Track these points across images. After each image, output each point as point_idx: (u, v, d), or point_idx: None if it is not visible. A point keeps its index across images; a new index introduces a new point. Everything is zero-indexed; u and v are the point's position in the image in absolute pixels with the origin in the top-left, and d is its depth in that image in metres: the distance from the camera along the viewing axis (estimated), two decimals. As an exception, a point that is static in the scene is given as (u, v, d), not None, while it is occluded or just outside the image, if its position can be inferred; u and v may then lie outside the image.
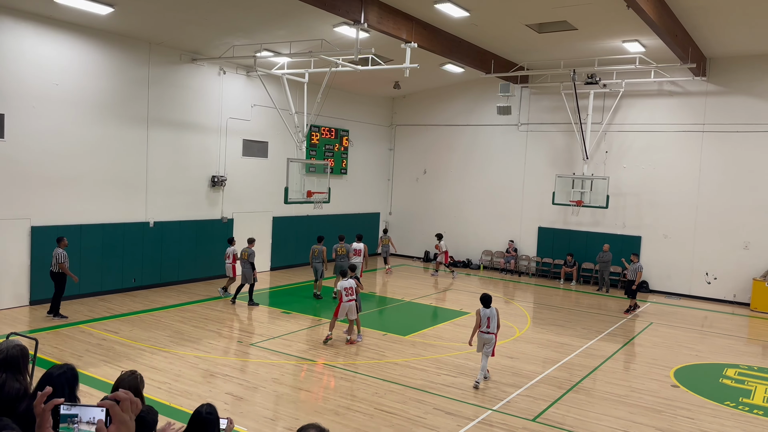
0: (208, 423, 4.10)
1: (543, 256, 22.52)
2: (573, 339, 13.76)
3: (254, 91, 19.24)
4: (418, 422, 8.63)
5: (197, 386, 9.67)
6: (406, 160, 25.86)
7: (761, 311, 17.91)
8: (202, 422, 4.10)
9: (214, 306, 15.37)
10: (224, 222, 18.81)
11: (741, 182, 18.83)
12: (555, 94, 21.59)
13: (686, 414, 9.45)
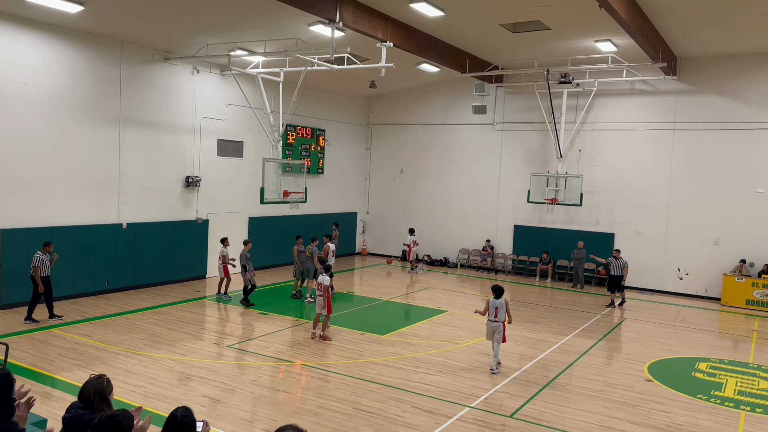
0: (183, 426, 4.04)
1: (519, 254, 22.73)
2: (549, 335, 13.91)
3: (229, 91, 19.06)
4: (396, 421, 8.64)
5: (173, 389, 9.55)
6: (383, 159, 25.87)
7: (731, 305, 18.32)
8: (178, 425, 4.04)
9: (190, 308, 15.19)
10: (199, 223, 18.60)
11: (711, 180, 19.23)
12: (529, 94, 21.80)
13: (660, 407, 9.62)
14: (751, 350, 13.57)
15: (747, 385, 10.96)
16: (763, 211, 18.48)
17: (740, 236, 18.82)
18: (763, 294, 17.93)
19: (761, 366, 12.22)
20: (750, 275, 18.38)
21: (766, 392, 10.59)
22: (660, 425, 8.89)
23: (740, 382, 11.11)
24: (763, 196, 18.49)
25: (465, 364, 11.47)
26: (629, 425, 8.84)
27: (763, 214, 18.47)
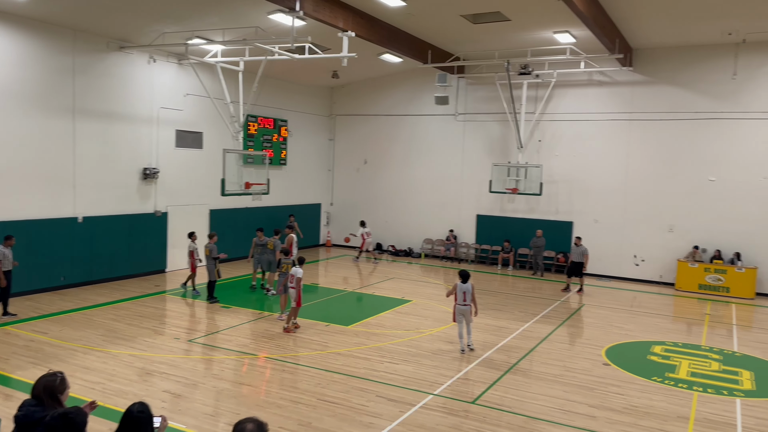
0: (140, 422, 3.96)
1: (481, 243, 23.01)
2: (510, 322, 14.16)
3: (187, 80, 18.67)
4: (360, 411, 8.68)
5: (133, 385, 9.38)
6: (347, 150, 25.79)
7: (685, 290, 18.94)
8: (134, 421, 3.96)
9: (150, 303, 14.91)
10: (158, 216, 18.24)
11: (665, 168, 19.79)
12: (490, 85, 22.01)
13: (617, 390, 9.91)
14: (704, 333, 14.07)
15: (699, 366, 11.37)
16: (715, 198, 19.13)
17: (693, 223, 19.45)
18: (715, 279, 18.59)
19: (713, 348, 12.68)
20: (702, 261, 19.03)
21: (717, 373, 11.01)
22: (617, 407, 9.16)
23: (693, 364, 11.51)
24: (715, 184, 19.13)
25: (429, 352, 11.58)
26: (587, 408, 9.09)
27: (715, 202, 19.12)
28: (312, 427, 8.05)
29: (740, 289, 18.28)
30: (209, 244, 15.20)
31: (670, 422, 8.65)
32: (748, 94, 18.61)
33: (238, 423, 3.36)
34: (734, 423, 8.72)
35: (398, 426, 8.18)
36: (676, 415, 8.92)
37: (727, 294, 18.39)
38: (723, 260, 18.76)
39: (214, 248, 15.09)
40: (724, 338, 13.62)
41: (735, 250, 18.81)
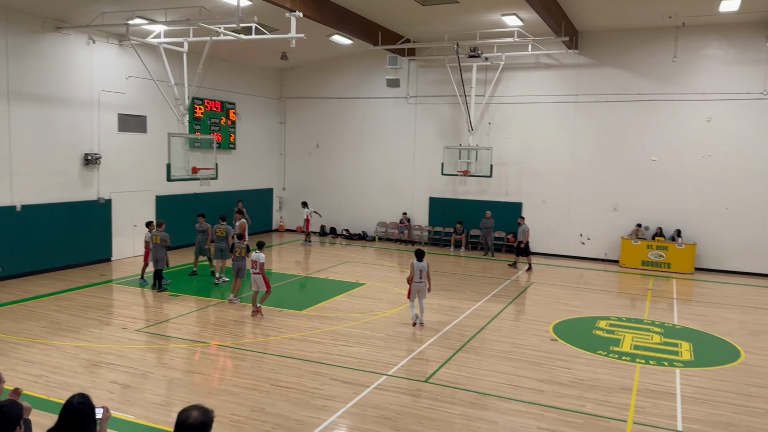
0: (80, 414, 3.84)
1: (434, 225, 23.23)
2: (462, 302, 14.38)
3: (129, 62, 18.02)
4: (315, 394, 8.68)
5: (78, 377, 9.11)
6: (298, 133, 25.48)
7: (629, 267, 19.64)
8: (74, 414, 3.83)
9: (95, 293, 14.47)
10: (101, 203, 17.64)
11: (610, 149, 20.37)
12: (441, 67, 22.08)
13: (564, 365, 10.22)
14: (646, 307, 14.64)
15: (642, 339, 11.84)
16: (656, 178, 19.82)
17: (636, 202, 20.13)
18: (657, 255, 19.33)
19: (654, 322, 13.22)
20: (645, 238, 19.74)
21: (658, 345, 11.49)
22: (564, 381, 9.46)
23: (636, 337, 11.98)
24: (657, 164, 19.81)
25: (383, 334, 11.66)
26: (536, 383, 9.35)
27: (656, 181, 19.82)
28: (265, 413, 8.01)
29: (680, 265, 19.08)
30: (158, 231, 14.79)
31: (614, 394, 8.99)
32: (687, 76, 19.28)
33: (183, 411, 3.30)
34: (674, 392, 9.13)
35: (352, 407, 8.23)
36: (619, 387, 9.27)
37: (668, 269, 19.16)
38: (664, 237, 19.51)
39: (166, 236, 14.74)
40: (665, 312, 14.21)
41: (675, 227, 19.60)
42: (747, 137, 18.68)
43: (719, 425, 7.99)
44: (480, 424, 7.85)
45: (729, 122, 18.87)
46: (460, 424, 7.82)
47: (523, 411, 8.29)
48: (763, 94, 18.38)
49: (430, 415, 8.06)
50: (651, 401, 8.74)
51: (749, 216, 18.81)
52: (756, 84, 18.46)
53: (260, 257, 12.62)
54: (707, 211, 19.27)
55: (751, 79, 18.51)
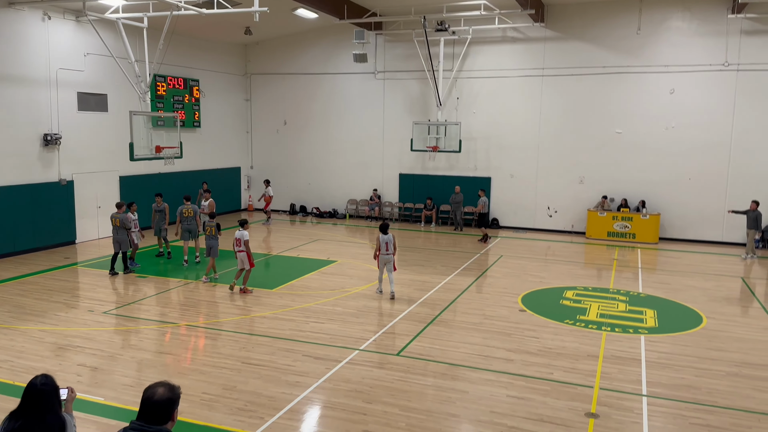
0: (44, 395, 3.76)
1: (405, 202, 23.26)
2: (433, 276, 14.50)
3: (87, 39, 17.43)
4: (287, 371, 8.69)
5: (44, 361, 8.94)
6: (265, 110, 25.10)
7: (595, 238, 20.03)
8: (38, 395, 3.76)
9: (60, 276, 14.16)
10: (63, 184, 17.17)
11: (576, 123, 20.59)
12: (408, 42, 21.91)
13: (532, 334, 10.41)
14: (612, 277, 14.97)
15: (608, 308, 12.12)
16: (621, 150, 20.14)
17: (602, 174, 20.46)
18: (622, 226, 19.73)
19: (620, 290, 13.54)
20: (611, 209, 20.11)
21: (623, 313, 11.78)
22: (532, 350, 9.65)
23: (602, 306, 12.26)
24: (622, 137, 20.11)
25: (354, 310, 11.70)
26: (505, 352, 9.52)
27: (621, 153, 20.14)
28: (237, 390, 7.99)
29: (645, 235, 19.53)
30: (117, 213, 14.22)
31: (581, 361, 9.21)
32: (651, 49, 19.51)
33: (148, 388, 3.25)
34: (639, 358, 9.39)
35: (325, 382, 8.27)
36: (586, 354, 9.50)
37: (633, 240, 19.59)
38: (629, 208, 19.91)
39: (125, 218, 14.23)
40: (630, 281, 14.55)
41: (640, 198, 20.00)
42: (709, 108, 19.07)
43: (682, 388, 8.26)
44: (451, 394, 7.97)
45: (692, 94, 19.22)
46: (431, 395, 7.93)
47: (493, 380, 8.44)
48: (725, 65, 18.73)
49: (402, 387, 8.15)
50: (617, 367, 8.98)
51: (711, 186, 19.30)
52: (718, 55, 18.79)
53: (244, 235, 12.70)
54: (671, 182, 19.69)
55: (713, 50, 18.83)
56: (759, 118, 18.61)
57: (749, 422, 7.29)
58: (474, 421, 7.24)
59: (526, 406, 7.62)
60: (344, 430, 6.95)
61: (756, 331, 10.88)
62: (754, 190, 18.73)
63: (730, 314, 12.03)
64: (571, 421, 7.23)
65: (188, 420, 7.07)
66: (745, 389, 8.27)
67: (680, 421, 7.31)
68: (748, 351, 9.77)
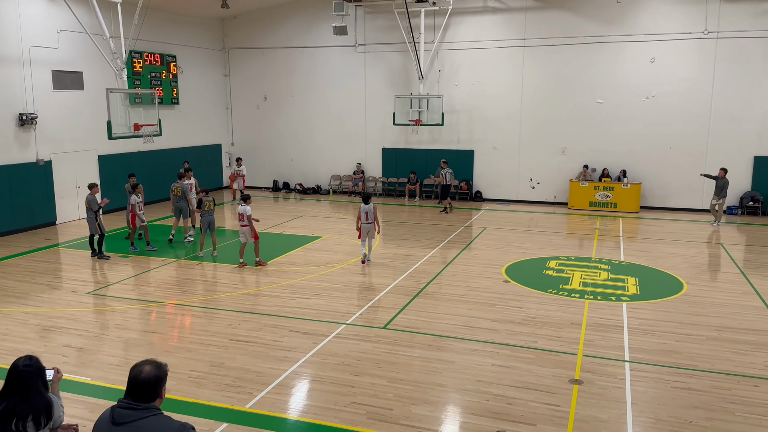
0: (27, 376, 3.74)
1: (388, 176, 23.21)
2: (418, 250, 14.56)
3: (60, 15, 16.97)
4: (274, 346, 8.72)
5: (29, 342, 8.87)
6: (244, 86, 24.74)
7: (577, 208, 20.21)
8: (21, 377, 3.73)
9: (41, 257, 14.00)
10: (41, 165, 16.87)
11: (557, 93, 20.59)
12: (388, 13, 21.64)
13: (516, 304, 10.55)
14: (594, 246, 15.15)
15: (590, 277, 12.29)
16: (602, 120, 20.22)
17: (583, 145, 20.56)
18: (604, 196, 19.91)
19: (602, 259, 13.72)
20: (592, 180, 20.26)
21: (605, 281, 11.96)
22: (516, 320, 9.78)
23: (584, 275, 12.42)
24: (603, 106, 20.17)
25: (341, 285, 11.74)
26: (490, 322, 9.64)
27: (603, 123, 20.23)
28: (225, 367, 8.01)
29: (626, 204, 19.74)
30: (89, 195, 13.69)
31: (564, 329, 9.36)
32: (631, 17, 19.47)
33: (135, 366, 3.24)
34: (621, 325, 9.56)
35: (312, 357, 8.32)
36: (569, 322, 9.65)
37: (614, 209, 19.81)
38: (610, 178, 20.07)
39: (94, 200, 13.63)
40: (612, 250, 14.74)
41: (621, 167, 20.16)
42: (689, 77, 19.16)
43: (663, 353, 8.45)
44: (437, 364, 8.07)
45: (672, 62, 19.28)
46: (418, 366, 8.02)
47: (479, 350, 8.56)
48: (704, 33, 18.78)
49: (389, 359, 8.23)
50: (599, 334, 9.14)
51: (690, 154, 19.49)
52: (698, 23, 18.82)
53: (247, 210, 12.92)
54: (651, 150, 19.85)
55: (693, 18, 18.85)
56: (738, 86, 18.76)
57: (729, 384, 7.49)
58: (460, 390, 7.35)
59: (511, 374, 7.75)
60: (333, 402, 7.03)
61: (735, 295, 11.12)
62: (733, 157, 18.98)
63: (710, 280, 12.28)
64: (555, 387, 7.37)
65: (176, 397, 7.10)
66: (724, 352, 8.48)
67: (662, 385, 7.48)
68: (727, 315, 10.00)
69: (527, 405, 6.94)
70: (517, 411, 6.81)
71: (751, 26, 18.33)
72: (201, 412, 6.77)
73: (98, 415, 3.34)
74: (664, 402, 7.04)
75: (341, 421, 6.61)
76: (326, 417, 6.70)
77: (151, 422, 3.15)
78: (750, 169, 19.08)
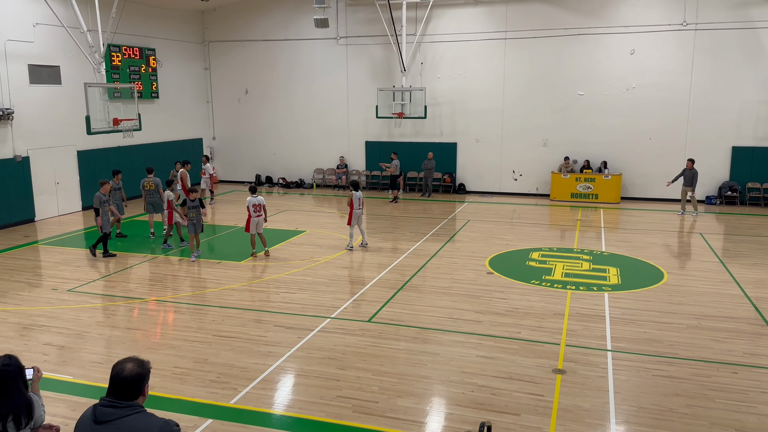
0: (7, 376, 3.70)
1: (372, 170, 23.18)
2: (402, 243, 14.58)
3: (35, 8, 16.65)
4: (258, 341, 8.69)
5: (9, 341, 8.75)
6: (225, 79, 24.51)
7: (559, 200, 20.36)
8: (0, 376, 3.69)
9: (20, 255, 13.79)
10: (18, 161, 16.59)
11: (539, 85, 20.68)
12: (370, 5, 21.55)
13: (500, 296, 10.61)
14: (576, 237, 15.29)
15: (572, 267, 12.40)
16: (583, 111, 20.37)
17: (565, 136, 20.70)
18: (585, 187, 20.09)
19: (583, 250, 13.85)
20: (574, 171, 20.42)
21: (587, 272, 12.08)
22: (500, 311, 9.85)
23: (566, 266, 12.53)
24: (584, 98, 20.31)
25: (325, 279, 11.71)
26: (474, 314, 9.69)
27: (583, 115, 20.38)
28: (209, 363, 7.97)
29: (607, 195, 19.93)
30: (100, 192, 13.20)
31: (547, 319, 9.45)
32: (611, 10, 19.60)
33: (117, 363, 3.21)
34: (603, 314, 9.67)
35: (297, 351, 8.31)
36: (552, 313, 9.74)
37: (596, 200, 19.99)
38: (592, 170, 20.24)
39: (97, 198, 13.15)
40: (593, 240, 14.89)
41: (602, 159, 20.33)
42: (668, 68, 19.35)
43: (644, 342, 8.56)
44: (422, 356, 8.10)
45: (651, 54, 19.45)
46: (403, 358, 8.05)
47: (463, 341, 8.61)
48: (683, 25, 18.97)
49: (374, 352, 8.25)
50: (582, 324, 9.24)
51: (670, 145, 19.72)
52: (676, 15, 19.00)
53: (261, 200, 13.14)
54: (632, 142, 20.05)
55: (672, 10, 19.03)
56: (715, 77, 18.99)
57: (709, 371, 7.61)
58: (445, 381, 7.39)
59: (495, 365, 7.80)
60: (318, 396, 7.02)
61: (714, 284, 11.30)
62: (711, 147, 19.24)
63: (690, 269, 12.46)
64: (539, 377, 7.44)
65: (160, 394, 7.05)
66: (704, 340, 8.62)
67: (644, 373, 7.59)
68: (707, 304, 10.16)
69: (511, 395, 7.00)
70: (501, 401, 6.86)
71: (728, 17, 18.55)
72: (185, 409, 6.74)
73: (80, 413, 3.30)
74: (645, 390, 7.14)
75: (327, 415, 6.61)
76: (312, 411, 6.70)
77: (134, 420, 3.12)
78: (728, 159, 19.36)
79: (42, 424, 4.00)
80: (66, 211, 18.25)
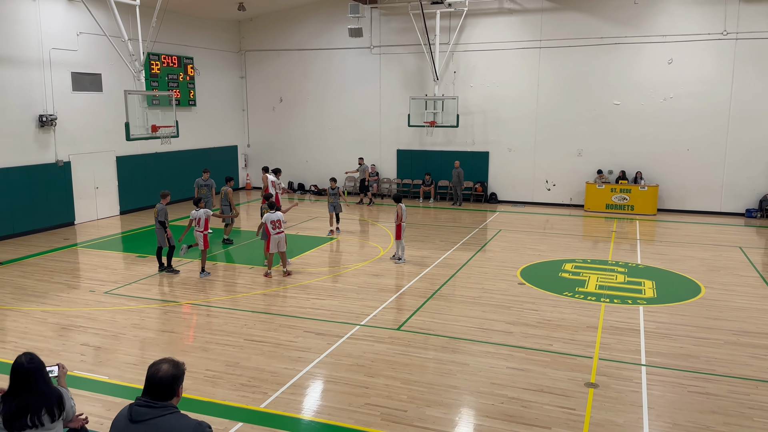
0: (30, 373, 3.84)
1: (403, 178, 23.21)
2: (432, 251, 14.54)
3: (79, 18, 17.21)
4: (289, 346, 8.76)
5: (48, 341, 9.00)
6: (260, 88, 24.90)
7: (593, 211, 20.05)
8: (28, 373, 3.84)
9: (60, 257, 14.18)
10: (60, 165, 17.11)
11: (573, 94, 20.46)
12: (403, 15, 21.66)
13: (531, 307, 10.49)
14: (610, 249, 15.02)
15: (606, 280, 12.19)
16: (619, 121, 20.05)
17: (600, 146, 20.40)
18: (621, 198, 19.75)
19: (618, 262, 13.60)
20: (609, 182, 20.10)
21: (622, 285, 11.85)
22: (531, 322, 9.73)
23: (601, 278, 12.32)
24: (620, 108, 20.01)
25: (354, 286, 11.76)
26: (504, 325, 9.59)
27: (620, 125, 20.06)
28: (240, 367, 8.07)
29: (644, 207, 19.55)
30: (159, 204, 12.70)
31: (580, 332, 9.29)
32: (648, 19, 19.30)
33: (153, 364, 3.28)
34: (638, 328, 9.47)
35: (327, 357, 8.34)
36: (585, 325, 9.58)
37: (631, 212, 19.62)
38: (627, 180, 19.89)
39: (162, 210, 12.58)
40: (628, 252, 14.61)
41: (638, 169, 19.97)
42: (707, 78, 18.94)
43: (680, 357, 8.35)
44: (451, 366, 8.05)
45: (690, 63, 19.07)
46: (432, 368, 8.01)
47: (493, 352, 8.53)
48: (723, 34, 18.56)
49: (403, 360, 8.23)
50: (616, 338, 9.06)
51: (708, 156, 19.26)
52: (716, 24, 18.60)
53: (280, 215, 12.34)
54: (669, 152, 19.64)
55: (712, 19, 18.64)
56: (757, 87, 18.50)
57: (747, 389, 7.39)
58: (474, 392, 7.33)
59: (525, 377, 7.71)
60: (347, 403, 7.04)
61: (754, 299, 10.97)
62: (752, 159, 18.73)
63: (728, 284, 12.12)
64: (570, 391, 7.32)
65: (192, 396, 7.16)
66: (742, 357, 8.37)
67: (679, 389, 7.40)
68: (746, 319, 9.86)
69: (542, 408, 6.90)
70: (531, 414, 6.77)
71: (771, 27, 18.08)
72: (216, 412, 6.82)
73: (115, 413, 3.38)
74: (680, 406, 6.96)
75: (355, 422, 6.62)
76: (340, 418, 6.72)
77: (169, 420, 3.18)
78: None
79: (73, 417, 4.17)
80: (104, 215, 18.73)
